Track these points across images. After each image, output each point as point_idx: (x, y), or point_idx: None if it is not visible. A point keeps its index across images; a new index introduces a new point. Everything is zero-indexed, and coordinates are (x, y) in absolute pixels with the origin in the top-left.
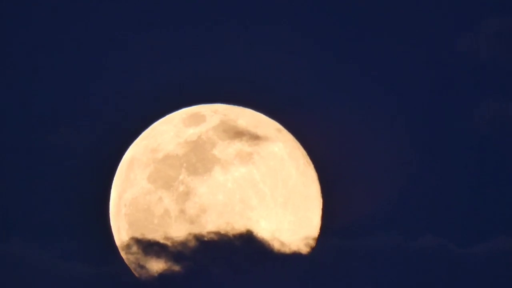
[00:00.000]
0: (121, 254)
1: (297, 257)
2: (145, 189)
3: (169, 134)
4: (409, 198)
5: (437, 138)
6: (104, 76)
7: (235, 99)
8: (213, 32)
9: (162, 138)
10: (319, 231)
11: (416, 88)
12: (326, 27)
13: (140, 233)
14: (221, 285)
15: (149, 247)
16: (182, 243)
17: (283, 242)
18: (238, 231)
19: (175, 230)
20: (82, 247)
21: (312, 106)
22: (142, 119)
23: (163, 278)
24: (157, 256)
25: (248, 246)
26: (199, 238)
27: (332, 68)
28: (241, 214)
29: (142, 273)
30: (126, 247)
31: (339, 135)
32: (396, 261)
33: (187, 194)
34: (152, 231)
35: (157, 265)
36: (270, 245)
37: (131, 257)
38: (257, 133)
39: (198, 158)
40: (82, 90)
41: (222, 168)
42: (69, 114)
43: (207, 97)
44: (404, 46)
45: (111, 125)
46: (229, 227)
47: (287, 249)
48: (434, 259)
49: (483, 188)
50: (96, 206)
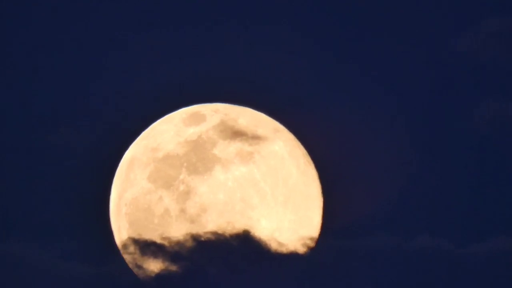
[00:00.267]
0: (122, 254)
1: (295, 257)
2: (145, 189)
3: (169, 133)
4: (409, 198)
5: (437, 138)
6: (104, 76)
7: (235, 99)
8: (213, 32)
9: (162, 138)
10: (319, 230)
11: (416, 88)
12: (326, 27)
13: (139, 233)
14: (218, 285)
15: (146, 247)
16: (179, 243)
17: (281, 242)
18: (235, 231)
19: (176, 229)
20: (82, 247)
21: (312, 105)
22: (142, 119)
23: (160, 278)
24: (154, 256)
25: (245, 246)
26: (196, 238)
27: (332, 68)
28: (242, 213)
29: (140, 273)
30: (123, 247)
31: (339, 134)
32: (396, 261)
33: (187, 193)
34: (152, 231)
35: (155, 265)
36: (267, 245)
37: (128, 257)
38: (257, 133)
39: (199, 158)
40: (82, 90)
41: (222, 167)
42: (69, 114)
43: (207, 97)
44: (404, 46)
45: (111, 125)
46: (229, 226)
47: (284, 249)
48: (434, 259)
49: (482, 188)
50: (96, 206)
